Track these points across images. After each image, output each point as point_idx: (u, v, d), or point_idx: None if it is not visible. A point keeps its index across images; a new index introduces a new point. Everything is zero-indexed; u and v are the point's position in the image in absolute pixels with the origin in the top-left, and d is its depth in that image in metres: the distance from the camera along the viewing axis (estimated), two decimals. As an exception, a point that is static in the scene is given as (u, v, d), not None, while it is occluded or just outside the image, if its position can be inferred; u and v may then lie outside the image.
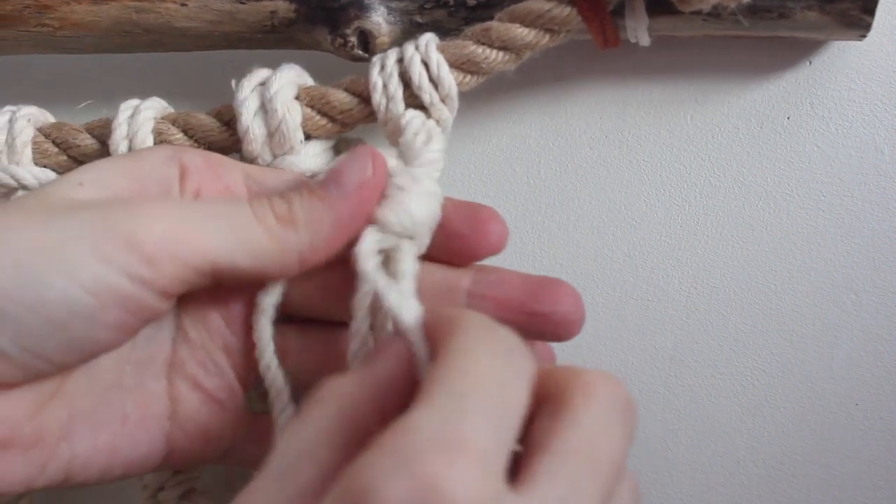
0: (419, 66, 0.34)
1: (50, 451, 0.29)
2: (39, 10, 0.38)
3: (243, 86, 0.35)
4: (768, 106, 0.40)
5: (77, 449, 0.29)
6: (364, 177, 0.30)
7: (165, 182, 0.31)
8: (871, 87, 0.40)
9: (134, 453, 0.31)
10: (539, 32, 0.34)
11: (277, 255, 0.29)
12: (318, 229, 0.29)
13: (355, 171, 0.30)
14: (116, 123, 0.36)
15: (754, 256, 0.41)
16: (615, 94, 0.42)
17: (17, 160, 0.37)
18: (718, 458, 0.43)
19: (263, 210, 0.29)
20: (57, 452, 0.29)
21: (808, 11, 0.35)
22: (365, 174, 0.30)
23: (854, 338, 0.41)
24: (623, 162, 0.42)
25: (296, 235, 0.29)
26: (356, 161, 0.30)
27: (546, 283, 0.32)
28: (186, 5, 0.38)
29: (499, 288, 0.32)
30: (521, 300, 0.32)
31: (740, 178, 0.41)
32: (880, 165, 0.40)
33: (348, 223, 0.30)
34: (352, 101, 0.35)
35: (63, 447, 0.29)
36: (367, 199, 0.30)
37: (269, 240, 0.29)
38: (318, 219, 0.29)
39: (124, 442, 0.30)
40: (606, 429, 0.24)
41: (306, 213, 0.29)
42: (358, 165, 0.30)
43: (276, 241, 0.29)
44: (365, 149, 0.31)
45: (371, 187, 0.30)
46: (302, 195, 0.30)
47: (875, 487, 0.42)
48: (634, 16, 0.35)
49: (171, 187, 0.32)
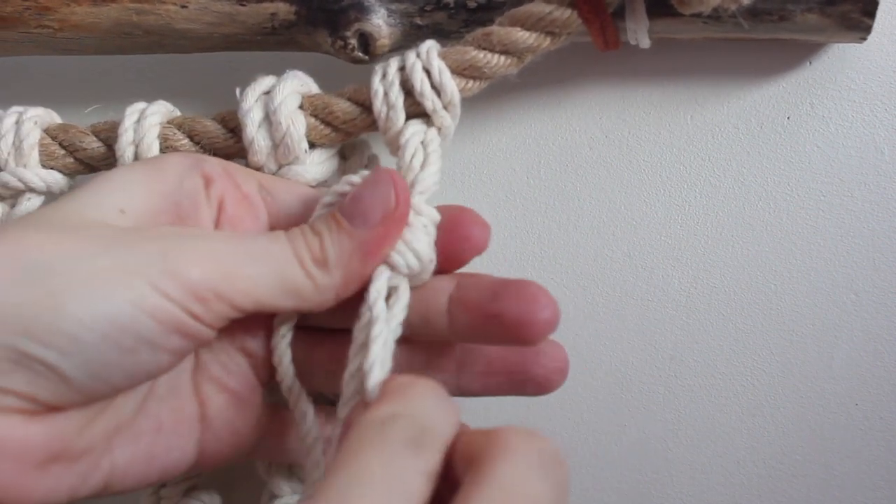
0: (421, 73, 0.34)
1: (94, 463, 0.29)
2: (40, 11, 0.38)
3: (247, 95, 0.35)
4: (768, 106, 0.41)
5: (118, 459, 0.30)
6: (388, 209, 0.30)
7: (194, 194, 0.32)
8: (871, 87, 0.40)
9: (169, 459, 0.31)
10: (540, 35, 0.34)
11: (317, 296, 0.30)
12: (348, 267, 0.30)
13: (379, 203, 0.30)
14: (122, 129, 0.36)
15: (754, 256, 0.41)
16: (616, 95, 0.42)
17: (25, 163, 0.37)
18: (718, 458, 0.43)
19: (301, 249, 0.30)
20: (100, 463, 0.29)
21: (809, 14, 0.35)
22: (388, 206, 0.30)
23: (854, 338, 0.41)
24: (623, 162, 0.42)
25: (330, 277, 0.30)
26: (379, 191, 0.30)
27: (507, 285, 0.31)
28: (187, 7, 0.38)
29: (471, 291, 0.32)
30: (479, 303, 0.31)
31: (740, 178, 0.41)
32: (880, 165, 0.40)
33: (376, 257, 0.30)
34: (354, 110, 0.35)
35: (105, 458, 0.30)
36: (392, 231, 0.30)
37: (308, 283, 0.30)
38: (347, 256, 0.30)
39: (160, 449, 0.31)
40: (526, 482, 0.23)
41: (336, 252, 0.30)
42: (381, 196, 0.30)
43: (315, 282, 0.30)
44: (386, 176, 0.30)
45: (396, 219, 0.30)
46: (331, 230, 0.30)
47: (875, 487, 0.42)
48: (635, 18, 0.35)
49: (199, 198, 0.32)
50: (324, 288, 0.30)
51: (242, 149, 0.36)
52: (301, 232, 0.31)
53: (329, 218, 0.31)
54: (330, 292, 0.30)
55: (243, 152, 0.36)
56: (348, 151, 0.38)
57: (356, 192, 0.31)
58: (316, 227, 0.31)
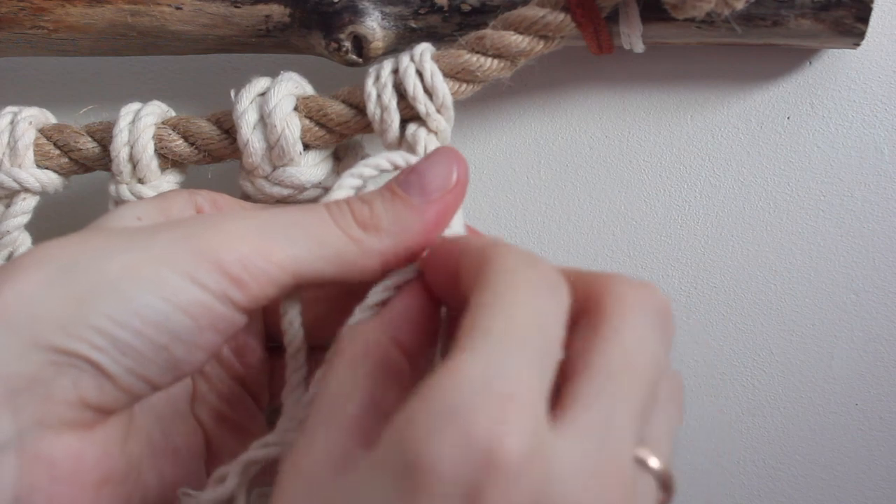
0: (414, 76, 0.34)
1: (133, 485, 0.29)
2: (34, 12, 0.38)
3: (242, 97, 0.35)
4: (768, 106, 0.40)
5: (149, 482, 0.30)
6: (448, 185, 0.29)
7: None
8: (871, 87, 0.40)
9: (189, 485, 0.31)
10: (533, 39, 0.34)
11: (360, 259, 0.28)
12: (404, 234, 0.28)
13: (440, 178, 0.29)
14: (117, 129, 0.36)
15: (754, 256, 0.41)
16: (616, 97, 0.42)
17: (20, 163, 0.37)
18: (718, 458, 0.43)
19: (343, 214, 0.29)
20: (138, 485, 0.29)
21: (802, 19, 0.35)
22: (449, 182, 0.29)
23: (854, 338, 0.41)
24: (623, 162, 0.42)
25: (379, 241, 0.28)
26: (440, 166, 0.29)
27: None
28: (181, 8, 0.38)
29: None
30: None
31: (740, 178, 0.41)
32: (880, 165, 0.40)
33: (434, 230, 0.29)
34: (349, 112, 0.35)
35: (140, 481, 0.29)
36: (451, 207, 0.29)
37: (352, 245, 0.28)
38: (404, 223, 0.29)
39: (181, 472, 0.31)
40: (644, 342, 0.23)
41: (390, 217, 0.29)
42: (442, 171, 0.29)
43: (359, 246, 0.28)
44: (449, 152, 0.30)
45: (455, 194, 0.29)
46: (385, 198, 0.29)
47: (875, 487, 0.42)
48: (629, 22, 0.35)
49: None
50: (370, 251, 0.28)
51: (237, 150, 0.36)
52: (344, 200, 0.29)
53: (383, 188, 0.30)
54: (376, 256, 0.28)
55: (238, 153, 0.36)
56: (342, 152, 0.38)
57: (416, 165, 0.30)
58: (366, 196, 0.29)
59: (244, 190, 0.37)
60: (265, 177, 0.36)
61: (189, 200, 0.32)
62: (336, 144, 0.37)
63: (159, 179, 0.37)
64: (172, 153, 0.37)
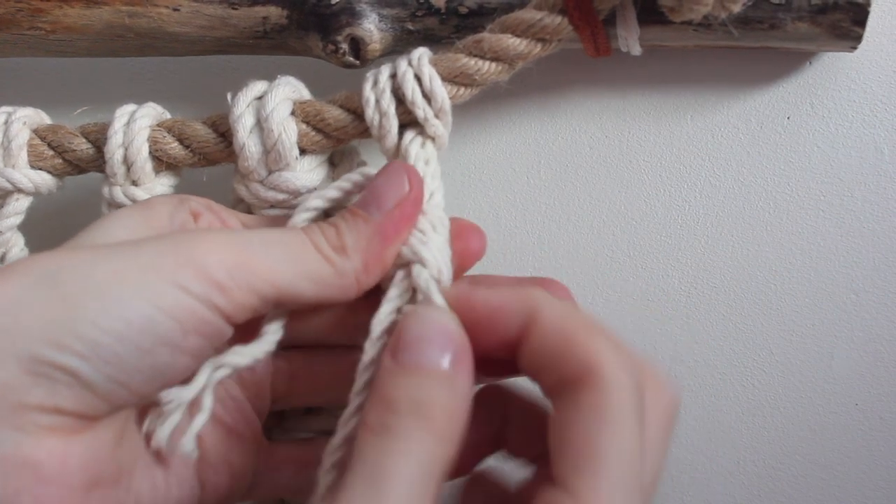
0: (412, 81, 0.34)
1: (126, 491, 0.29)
2: (32, 13, 0.37)
3: (239, 101, 0.35)
4: (768, 106, 0.40)
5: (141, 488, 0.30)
6: (402, 193, 0.31)
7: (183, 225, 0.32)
8: (872, 87, 0.40)
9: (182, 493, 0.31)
10: (531, 42, 0.34)
11: (337, 280, 0.30)
12: (367, 250, 0.30)
13: (393, 190, 0.31)
14: (112, 131, 0.36)
15: (754, 256, 0.41)
16: (616, 97, 0.41)
17: (13, 163, 0.37)
18: (718, 458, 0.43)
19: (317, 237, 0.30)
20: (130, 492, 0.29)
21: (799, 22, 0.35)
22: (402, 191, 0.31)
23: (854, 338, 0.41)
24: (623, 162, 0.42)
25: (349, 260, 0.30)
26: (392, 179, 0.31)
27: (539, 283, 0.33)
28: (179, 10, 0.37)
29: None
30: None
31: (740, 178, 0.41)
32: (880, 165, 0.40)
33: (394, 239, 0.31)
34: (346, 117, 0.35)
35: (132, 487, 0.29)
36: (409, 214, 0.31)
37: (328, 266, 0.30)
38: (365, 241, 0.30)
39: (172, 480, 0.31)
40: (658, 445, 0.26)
41: (353, 236, 0.30)
42: (394, 183, 0.31)
43: (333, 267, 0.30)
44: (398, 166, 0.32)
45: (412, 201, 0.31)
46: (346, 219, 0.31)
47: (875, 487, 0.42)
48: (626, 25, 0.34)
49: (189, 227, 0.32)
50: (344, 271, 0.30)
51: (232, 153, 0.36)
52: (316, 225, 0.31)
53: (345, 210, 0.31)
54: (350, 276, 0.30)
55: (233, 157, 0.36)
56: (337, 158, 0.38)
57: (370, 184, 0.31)
58: (332, 220, 0.31)
59: (238, 193, 0.37)
60: (260, 181, 0.36)
61: (180, 204, 0.32)
62: (332, 149, 0.37)
63: (153, 182, 0.37)
64: (167, 156, 0.36)
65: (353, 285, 0.30)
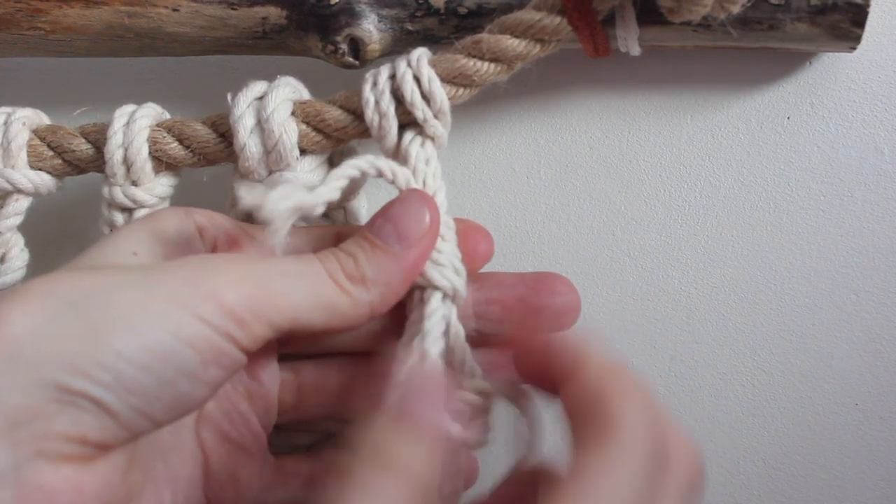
0: (411, 82, 0.34)
1: None
2: (32, 13, 0.37)
3: (239, 101, 0.35)
4: (768, 106, 0.40)
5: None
6: (423, 228, 0.31)
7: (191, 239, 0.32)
8: (872, 87, 0.40)
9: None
10: (530, 43, 0.34)
11: (352, 310, 0.30)
12: (388, 285, 0.30)
13: (414, 223, 0.31)
14: (112, 131, 0.36)
15: (754, 256, 0.41)
16: (616, 98, 0.41)
17: (13, 164, 0.37)
18: (718, 458, 0.43)
19: (334, 267, 0.30)
20: None
21: (799, 23, 0.35)
22: (423, 225, 0.31)
23: (854, 338, 0.41)
24: (623, 162, 0.42)
25: (367, 292, 0.30)
26: (412, 211, 0.31)
27: (541, 278, 0.33)
28: (178, 10, 0.37)
29: (499, 290, 0.33)
30: (520, 297, 0.33)
31: (740, 178, 0.41)
32: (880, 165, 0.40)
33: (414, 274, 0.31)
34: (346, 117, 0.35)
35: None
36: (428, 248, 0.31)
37: (344, 298, 0.30)
38: (387, 275, 0.30)
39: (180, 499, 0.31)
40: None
41: (374, 270, 0.30)
42: (416, 216, 0.31)
43: (350, 299, 0.30)
44: (419, 195, 0.32)
45: (431, 235, 0.31)
46: (365, 250, 0.30)
47: (875, 487, 0.42)
48: (625, 25, 0.34)
49: (196, 242, 0.32)
50: (361, 303, 0.30)
51: (232, 153, 0.36)
52: (332, 253, 0.31)
53: (360, 240, 0.31)
54: (366, 307, 0.30)
55: (232, 157, 0.36)
56: (337, 158, 0.38)
57: (389, 214, 0.31)
58: (348, 248, 0.31)
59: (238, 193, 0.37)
60: (260, 181, 0.36)
61: (186, 216, 0.32)
62: (332, 150, 0.37)
63: (153, 182, 0.37)
64: (167, 156, 0.36)
65: (367, 314, 0.30)
